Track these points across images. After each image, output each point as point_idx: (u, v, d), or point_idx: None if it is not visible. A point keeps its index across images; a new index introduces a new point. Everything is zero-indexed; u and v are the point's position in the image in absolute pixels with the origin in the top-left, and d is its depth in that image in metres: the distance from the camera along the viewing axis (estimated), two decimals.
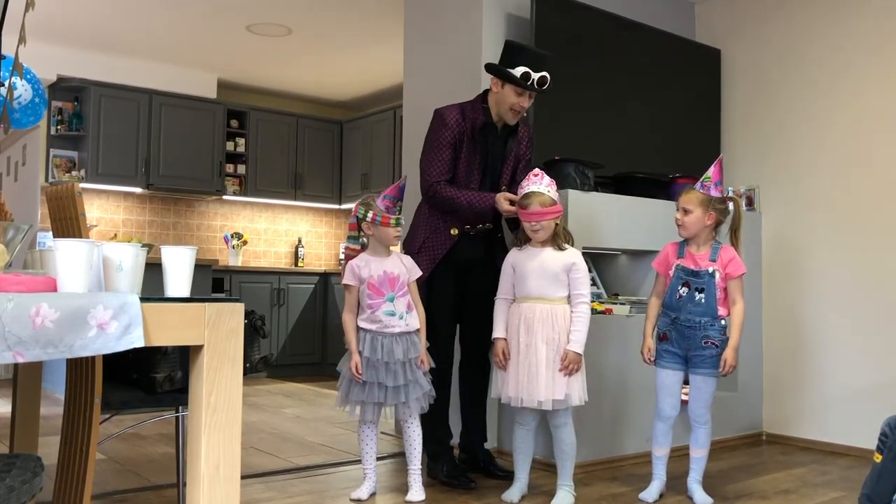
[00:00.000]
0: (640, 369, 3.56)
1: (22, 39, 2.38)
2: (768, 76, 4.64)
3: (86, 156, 6.54)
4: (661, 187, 4.15)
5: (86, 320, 1.44)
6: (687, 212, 3.06)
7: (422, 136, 3.41)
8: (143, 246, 1.77)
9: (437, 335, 3.23)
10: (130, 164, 6.70)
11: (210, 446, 1.62)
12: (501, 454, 3.70)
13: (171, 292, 1.73)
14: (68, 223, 2.33)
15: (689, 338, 3.06)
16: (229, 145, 7.30)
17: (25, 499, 1.44)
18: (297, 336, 7.17)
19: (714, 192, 3.07)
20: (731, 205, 3.14)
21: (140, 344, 1.50)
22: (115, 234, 6.70)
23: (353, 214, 3.06)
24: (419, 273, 3.09)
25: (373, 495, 3.08)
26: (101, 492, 3.09)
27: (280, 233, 7.90)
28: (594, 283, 4.01)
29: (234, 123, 7.35)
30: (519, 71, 3.14)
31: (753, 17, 4.74)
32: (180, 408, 2.68)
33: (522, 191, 2.99)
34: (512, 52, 3.20)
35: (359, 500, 3.02)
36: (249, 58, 6.74)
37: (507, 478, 3.21)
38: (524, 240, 3.05)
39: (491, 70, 3.24)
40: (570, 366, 2.88)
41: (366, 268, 2.99)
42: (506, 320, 3.04)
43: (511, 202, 3.09)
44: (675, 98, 4.60)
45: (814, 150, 4.39)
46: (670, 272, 3.12)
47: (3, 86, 2.73)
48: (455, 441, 3.46)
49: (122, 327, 1.48)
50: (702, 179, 3.09)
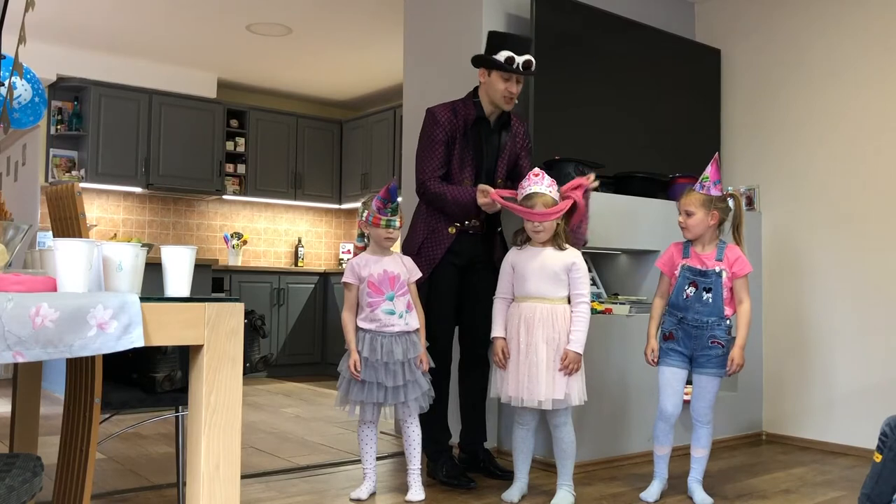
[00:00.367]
0: (639, 369, 3.57)
1: (22, 39, 2.38)
2: (768, 76, 4.64)
3: (86, 155, 6.54)
4: (661, 187, 4.16)
5: (85, 320, 1.45)
6: (689, 214, 3.06)
7: None
8: (143, 246, 1.77)
9: (437, 335, 3.23)
10: (130, 164, 6.70)
11: (210, 446, 1.62)
12: (501, 454, 3.70)
13: (170, 292, 1.73)
14: (68, 223, 2.33)
15: (696, 338, 3.05)
16: (229, 145, 7.30)
17: (25, 498, 1.44)
18: (297, 336, 7.17)
19: (714, 192, 3.06)
20: (731, 201, 3.14)
21: (140, 344, 1.50)
22: (115, 234, 6.71)
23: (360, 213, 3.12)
24: (419, 275, 3.10)
25: (373, 495, 3.08)
26: (101, 492, 3.10)
27: (280, 232, 7.90)
28: (594, 283, 4.01)
29: (233, 123, 7.35)
30: (503, 56, 3.18)
31: (753, 17, 4.74)
32: (180, 408, 2.68)
33: (523, 191, 2.98)
34: (495, 41, 3.25)
35: (359, 500, 3.02)
36: (249, 57, 6.74)
37: (507, 477, 3.21)
38: (524, 239, 3.05)
39: (476, 61, 3.28)
40: (570, 366, 2.88)
41: (366, 267, 2.99)
42: (505, 319, 3.03)
43: (504, 198, 3.09)
44: (675, 98, 4.60)
45: (814, 149, 4.39)
46: (675, 272, 3.11)
47: (3, 86, 2.73)
48: (455, 441, 3.46)
49: (121, 327, 1.48)
50: (700, 180, 3.09)
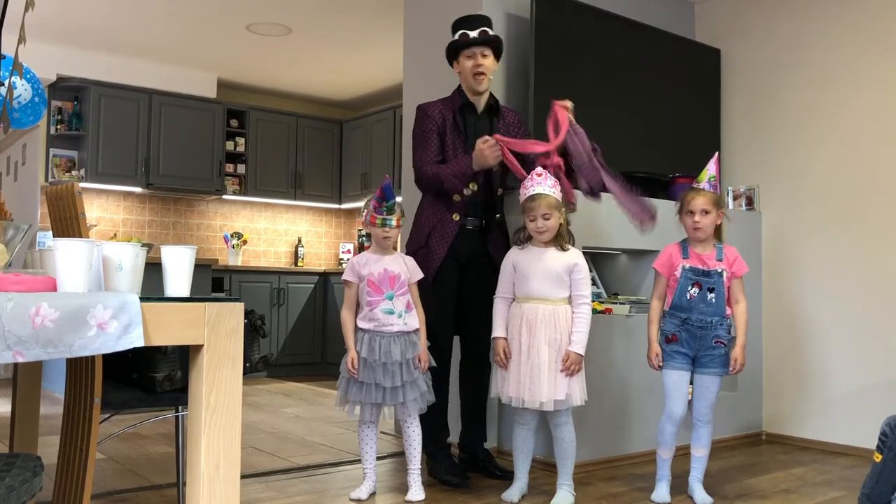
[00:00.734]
0: (639, 369, 3.56)
1: (22, 39, 2.38)
2: (768, 76, 4.64)
3: (85, 155, 6.54)
4: (661, 187, 4.15)
5: (85, 320, 1.44)
6: (706, 213, 3.05)
7: None
8: (143, 245, 1.77)
9: (437, 334, 3.23)
10: (130, 164, 6.69)
11: (210, 446, 1.62)
12: (501, 454, 3.70)
13: (170, 292, 1.73)
14: (68, 223, 2.33)
15: (700, 338, 3.05)
16: (229, 145, 7.30)
17: (25, 498, 1.44)
18: (297, 336, 7.17)
19: (717, 190, 3.08)
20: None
21: (140, 344, 1.50)
22: (115, 234, 6.71)
23: None
24: (421, 275, 3.09)
25: (372, 495, 3.08)
26: (101, 491, 3.10)
27: (280, 232, 7.90)
28: (594, 283, 4.01)
29: (233, 123, 7.35)
30: (457, 34, 3.39)
31: (753, 17, 4.74)
32: (180, 407, 2.68)
33: (526, 192, 2.97)
34: (453, 29, 3.45)
35: (358, 500, 3.02)
36: (249, 57, 6.74)
37: (507, 477, 3.21)
38: (525, 237, 3.04)
39: (446, 56, 3.47)
40: (571, 367, 2.88)
41: (366, 265, 2.99)
42: (505, 319, 3.02)
43: (505, 150, 3.17)
44: (675, 98, 4.60)
45: (813, 149, 4.39)
46: (676, 273, 3.09)
47: (3, 85, 2.73)
48: (454, 440, 3.46)
49: (121, 327, 1.48)
50: (708, 178, 3.08)
